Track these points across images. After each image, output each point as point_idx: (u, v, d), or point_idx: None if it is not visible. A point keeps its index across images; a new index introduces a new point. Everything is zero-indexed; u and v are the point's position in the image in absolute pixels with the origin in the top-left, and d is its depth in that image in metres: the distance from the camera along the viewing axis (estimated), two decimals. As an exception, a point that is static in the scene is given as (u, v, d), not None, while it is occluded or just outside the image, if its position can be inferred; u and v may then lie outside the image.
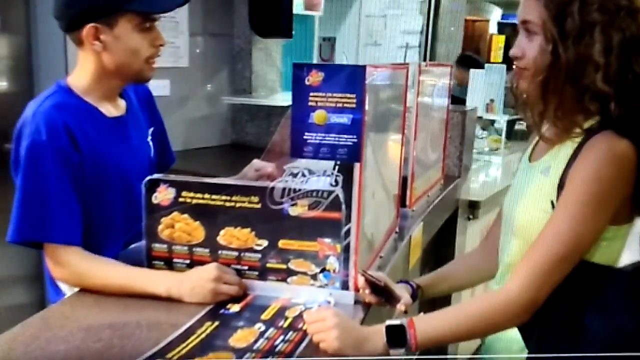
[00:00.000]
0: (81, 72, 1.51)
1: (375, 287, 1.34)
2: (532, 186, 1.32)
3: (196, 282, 1.34)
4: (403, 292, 1.38)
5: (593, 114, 1.24)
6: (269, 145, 1.80)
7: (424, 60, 6.44)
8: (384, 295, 1.35)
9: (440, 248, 2.83)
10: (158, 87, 3.48)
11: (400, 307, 1.35)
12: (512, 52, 1.31)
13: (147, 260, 1.42)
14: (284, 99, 3.80)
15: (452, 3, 6.90)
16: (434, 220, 2.40)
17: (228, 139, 4.05)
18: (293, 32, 3.82)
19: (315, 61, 5.37)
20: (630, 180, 1.20)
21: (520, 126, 4.71)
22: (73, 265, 1.40)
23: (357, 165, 1.31)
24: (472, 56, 5.69)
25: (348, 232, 1.33)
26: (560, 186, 1.23)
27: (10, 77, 2.89)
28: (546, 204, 1.27)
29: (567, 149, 1.26)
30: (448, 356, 2.87)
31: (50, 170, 1.39)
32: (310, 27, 5.10)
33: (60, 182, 1.40)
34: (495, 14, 11.71)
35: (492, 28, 11.60)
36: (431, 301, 1.57)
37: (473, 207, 3.12)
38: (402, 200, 1.99)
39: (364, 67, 1.27)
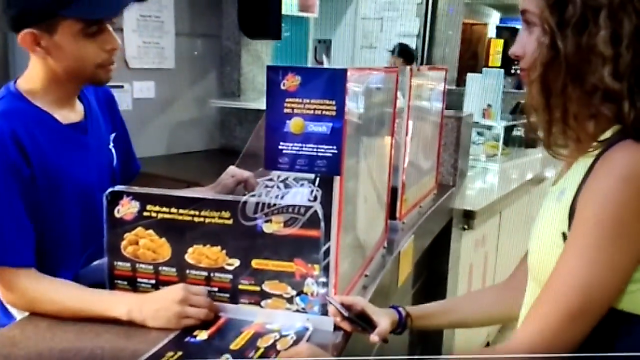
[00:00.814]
0: (31, 75, 1.38)
1: (357, 313, 1.22)
2: (546, 215, 1.09)
3: (160, 304, 1.23)
4: (383, 320, 1.23)
5: (609, 119, 1.02)
6: (243, 150, 1.69)
7: (420, 64, 6.34)
8: (363, 321, 1.23)
9: (432, 261, 2.71)
10: (142, 89, 3.39)
11: (373, 337, 1.20)
12: (512, 50, 1.11)
13: (109, 280, 1.32)
14: (274, 102, 3.68)
15: (450, 6, 6.81)
16: (426, 233, 2.29)
17: (216, 143, 3.95)
18: (286, 34, 3.73)
19: (310, 63, 5.28)
20: None
21: (518, 132, 4.60)
22: (25, 289, 1.27)
23: (337, 178, 1.19)
24: (407, 47, 5.58)
25: (327, 252, 1.22)
26: (572, 214, 1.01)
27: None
28: (557, 237, 1.02)
29: (581, 166, 1.03)
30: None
31: None
32: (305, 29, 5.01)
33: (9, 199, 1.27)
34: (493, 18, 11.64)
35: (491, 32, 11.53)
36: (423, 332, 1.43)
37: (468, 217, 3.00)
38: (391, 212, 1.87)
39: (344, 71, 1.15)
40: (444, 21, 6.81)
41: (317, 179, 1.25)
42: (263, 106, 4.04)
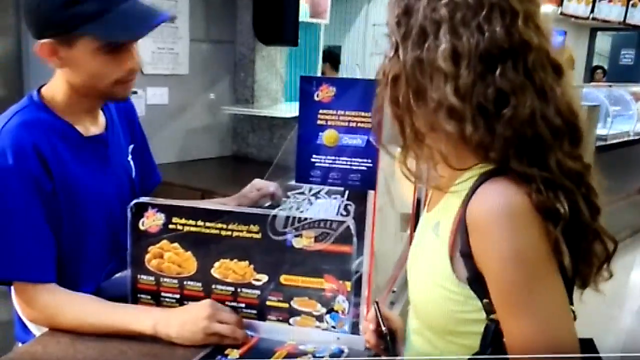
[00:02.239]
0: (55, 84, 1.34)
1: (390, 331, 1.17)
2: (424, 246, 1.03)
3: (187, 319, 1.20)
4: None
5: (468, 151, 0.94)
6: (274, 162, 1.64)
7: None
8: (389, 341, 1.17)
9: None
10: (156, 95, 3.37)
11: None
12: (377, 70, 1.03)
13: (132, 293, 1.29)
14: (287, 109, 3.67)
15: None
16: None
17: (229, 150, 3.92)
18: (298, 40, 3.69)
19: (319, 70, 5.25)
20: (547, 234, 0.88)
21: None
22: (46, 304, 1.24)
23: (371, 193, 1.16)
24: (332, 51, 5.53)
25: (359, 267, 1.18)
26: (460, 255, 0.93)
27: (1, 81, 2.77)
28: (443, 278, 0.95)
29: (452, 204, 0.95)
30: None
31: (18, 199, 1.22)
32: (315, 35, 4.98)
33: (30, 213, 1.23)
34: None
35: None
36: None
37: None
38: (415, 225, 1.83)
39: (381, 82, 1.11)
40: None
41: (347, 191, 1.22)
42: (276, 113, 4.04)
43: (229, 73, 3.85)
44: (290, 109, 3.67)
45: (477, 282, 0.92)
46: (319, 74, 5.10)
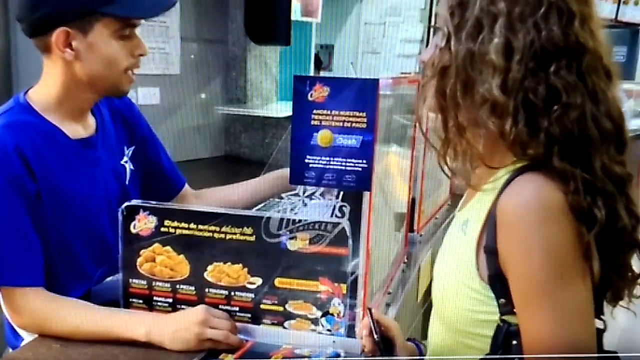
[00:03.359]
0: (46, 85, 1.33)
1: (386, 337, 1.16)
2: (450, 245, 1.04)
3: (180, 325, 1.18)
4: (402, 355, 1.17)
5: (503, 150, 0.94)
6: (268, 163, 1.62)
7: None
8: (384, 346, 1.16)
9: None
10: (147, 95, 3.34)
11: None
12: (421, 57, 1.04)
13: (124, 298, 1.27)
14: (280, 109, 3.66)
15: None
16: (441, 245, 2.23)
17: (221, 150, 3.91)
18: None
19: (312, 69, 5.24)
20: (579, 236, 0.87)
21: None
22: (35, 310, 1.21)
23: (366, 194, 1.14)
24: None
25: (354, 269, 1.16)
26: (484, 252, 0.93)
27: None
28: (466, 276, 0.95)
29: (484, 201, 0.95)
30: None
31: (1, 202, 1.21)
32: (307, 34, 4.97)
33: (14, 215, 1.21)
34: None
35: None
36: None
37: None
38: (409, 225, 1.81)
39: (375, 81, 1.10)
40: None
41: (341, 193, 1.20)
42: (269, 113, 4.03)
43: (220, 72, 3.83)
44: (283, 109, 3.65)
45: (497, 280, 0.92)
46: (311, 73, 5.09)
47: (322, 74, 6.55)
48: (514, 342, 0.91)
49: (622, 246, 0.92)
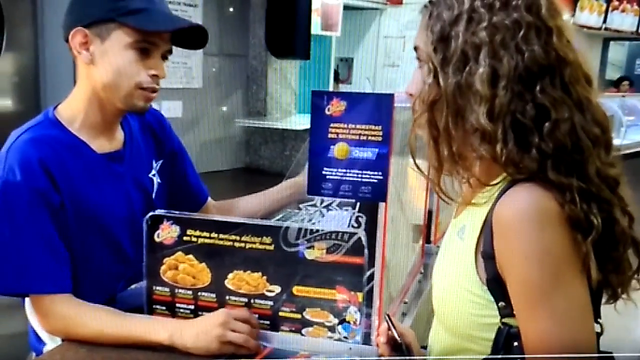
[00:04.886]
0: (73, 97, 1.37)
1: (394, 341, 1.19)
2: (449, 251, 1.06)
3: (201, 328, 1.22)
4: None
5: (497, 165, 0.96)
6: (287, 174, 1.65)
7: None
8: (405, 349, 1.19)
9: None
10: (170, 108, 3.41)
11: None
12: (406, 89, 1.06)
13: (148, 304, 1.30)
14: (299, 122, 3.70)
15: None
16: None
17: (241, 162, 3.95)
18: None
19: (331, 82, 5.28)
20: (575, 243, 0.89)
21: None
22: (63, 315, 1.26)
23: (382, 205, 1.17)
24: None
25: (370, 278, 1.19)
26: (482, 256, 0.95)
27: (16, 95, 2.81)
28: (465, 280, 0.97)
29: (479, 211, 0.98)
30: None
31: (27, 213, 1.25)
32: (327, 48, 5.01)
33: (41, 226, 1.26)
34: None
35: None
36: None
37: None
38: (426, 236, 1.84)
39: (391, 96, 1.13)
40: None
41: (358, 203, 1.24)
42: (289, 126, 4.08)
43: (241, 86, 3.89)
44: (302, 121, 3.69)
45: (495, 284, 0.94)
46: (330, 87, 5.13)
47: (342, 87, 6.59)
48: (515, 343, 0.93)
49: (618, 245, 0.94)
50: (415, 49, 1.03)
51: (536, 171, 0.91)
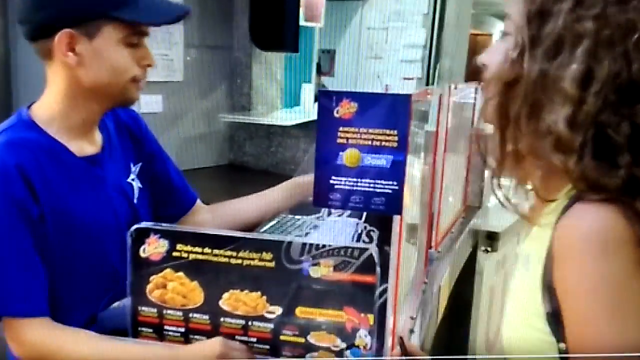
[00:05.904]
0: (49, 97, 1.25)
1: None
2: (515, 283, 0.95)
3: (195, 359, 1.09)
4: None
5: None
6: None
7: (427, 75, 6.24)
8: None
9: (457, 286, 2.57)
10: (149, 102, 3.26)
11: None
12: (479, 57, 0.93)
13: (132, 326, 1.18)
14: (285, 117, 3.57)
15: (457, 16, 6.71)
16: (459, 259, 2.16)
17: (225, 159, 3.83)
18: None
19: (314, 74, 5.17)
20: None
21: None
22: (39, 341, 1.14)
23: (396, 218, 1.06)
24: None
25: (381, 298, 1.08)
26: (548, 289, 0.84)
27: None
28: (534, 316, 0.86)
29: (542, 236, 0.86)
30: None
31: (2, 226, 1.13)
32: (310, 39, 4.89)
33: (16, 240, 1.14)
34: (498, 28, 11.60)
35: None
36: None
37: (492, 239, 2.86)
38: (429, 239, 1.73)
39: (408, 97, 1.02)
40: (452, 32, 6.71)
41: (364, 214, 1.13)
42: (274, 121, 3.94)
43: (225, 79, 3.76)
44: (288, 116, 3.58)
45: (555, 320, 0.83)
46: (313, 79, 5.01)
47: (324, 79, 6.51)
48: None
49: None
50: (505, 17, 0.89)
51: (617, 192, 0.78)
